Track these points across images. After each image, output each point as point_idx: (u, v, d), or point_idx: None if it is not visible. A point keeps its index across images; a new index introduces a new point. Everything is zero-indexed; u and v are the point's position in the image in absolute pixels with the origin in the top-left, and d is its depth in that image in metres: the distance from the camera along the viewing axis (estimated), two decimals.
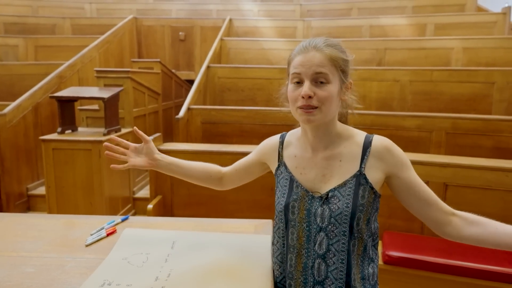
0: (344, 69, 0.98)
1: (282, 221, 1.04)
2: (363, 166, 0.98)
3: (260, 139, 1.20)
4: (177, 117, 3.43)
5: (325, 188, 1.00)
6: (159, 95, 4.72)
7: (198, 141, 3.58)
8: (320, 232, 0.97)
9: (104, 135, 3.17)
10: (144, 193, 3.74)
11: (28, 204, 3.76)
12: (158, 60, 4.98)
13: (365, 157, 0.99)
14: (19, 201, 3.65)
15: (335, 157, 1.01)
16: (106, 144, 1.17)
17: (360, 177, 0.97)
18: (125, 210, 3.50)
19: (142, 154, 1.19)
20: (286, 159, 1.09)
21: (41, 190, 3.66)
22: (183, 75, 6.10)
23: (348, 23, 5.82)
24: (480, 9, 6.06)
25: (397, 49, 4.78)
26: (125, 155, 1.19)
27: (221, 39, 5.27)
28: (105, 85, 3.66)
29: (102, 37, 5.35)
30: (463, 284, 2.13)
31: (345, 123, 1.10)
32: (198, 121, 3.59)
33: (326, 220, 0.97)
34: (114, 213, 3.27)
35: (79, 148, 3.06)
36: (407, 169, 0.99)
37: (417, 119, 3.23)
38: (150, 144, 1.19)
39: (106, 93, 3.28)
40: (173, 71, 5.51)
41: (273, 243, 1.12)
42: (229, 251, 1.11)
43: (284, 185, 1.05)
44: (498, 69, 3.82)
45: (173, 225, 1.32)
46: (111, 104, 3.29)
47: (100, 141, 3.04)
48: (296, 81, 0.97)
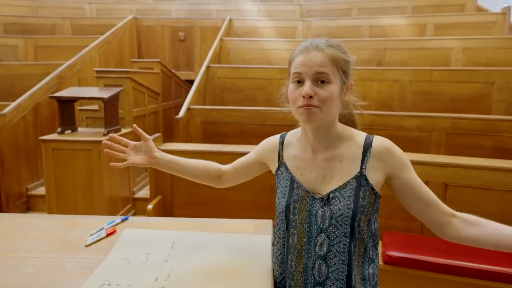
0: (345, 69, 0.98)
1: (283, 221, 1.03)
2: (363, 167, 0.98)
3: (260, 139, 1.20)
4: (177, 117, 3.43)
5: (325, 189, 0.99)
6: (159, 95, 4.72)
7: (198, 141, 3.58)
8: (321, 233, 0.97)
9: (104, 135, 3.17)
10: (144, 193, 3.73)
11: (28, 204, 3.75)
12: (158, 60, 4.97)
13: (365, 158, 0.99)
14: (19, 201, 3.65)
15: (336, 158, 1.01)
16: (106, 142, 1.17)
17: (360, 178, 0.97)
18: (125, 210, 3.50)
19: (142, 152, 1.19)
20: (287, 159, 1.08)
21: (41, 190, 3.66)
22: (183, 75, 6.10)
23: (348, 23, 5.82)
24: (480, 9, 6.06)
25: (397, 49, 4.78)
26: (125, 153, 1.19)
27: (221, 39, 5.27)
28: (105, 85, 3.66)
29: (102, 37, 5.35)
30: (463, 284, 2.13)
31: (353, 124, 1.10)
32: (198, 121, 3.59)
33: (327, 221, 0.97)
34: (114, 213, 3.27)
35: (79, 148, 3.06)
36: (407, 170, 0.99)
37: (417, 119, 3.23)
38: (149, 142, 1.19)
39: (106, 93, 3.28)
40: (173, 71, 5.51)
41: (273, 244, 1.12)
42: (229, 251, 1.11)
43: (285, 186, 1.05)
44: (498, 69, 3.82)
45: (173, 225, 1.32)
46: (111, 104, 3.29)
47: (100, 141, 3.03)
48: (297, 80, 0.97)
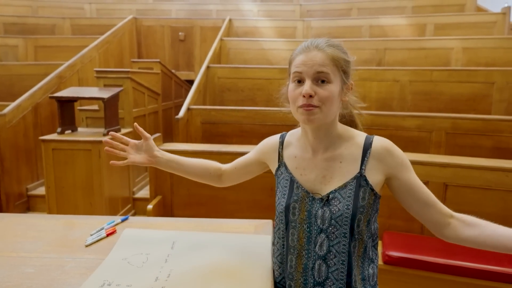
0: (345, 69, 0.98)
1: (283, 222, 1.03)
2: (363, 167, 0.98)
3: (260, 139, 1.21)
4: (177, 117, 3.43)
5: (325, 190, 0.99)
6: (159, 95, 4.72)
7: (198, 141, 3.58)
8: (320, 233, 0.97)
9: (104, 135, 3.17)
10: (144, 193, 3.73)
11: (28, 205, 3.75)
12: (158, 60, 4.97)
13: (365, 158, 0.98)
14: (18, 201, 3.64)
15: (336, 159, 1.01)
16: (106, 140, 1.17)
17: (360, 179, 0.97)
18: (125, 211, 3.50)
19: (142, 151, 1.19)
20: (286, 159, 1.08)
21: (41, 191, 3.66)
22: (183, 75, 6.10)
23: (348, 23, 5.82)
24: (480, 9, 6.06)
25: (397, 49, 4.78)
26: (125, 151, 1.19)
27: (221, 39, 5.27)
28: (105, 85, 3.66)
29: (102, 37, 5.34)
30: (463, 284, 2.13)
31: (354, 125, 1.09)
32: (198, 121, 3.59)
33: (326, 221, 0.96)
34: (114, 213, 3.27)
35: (79, 148, 3.06)
36: (407, 171, 0.99)
37: (417, 119, 3.23)
38: (149, 141, 1.19)
39: (105, 93, 3.28)
40: (173, 71, 5.50)
41: (273, 243, 1.12)
42: (229, 251, 1.11)
43: (285, 186, 1.05)
44: (498, 69, 3.82)
45: (173, 225, 1.32)
46: (110, 104, 3.29)
47: (100, 142, 3.03)
48: (297, 80, 0.97)
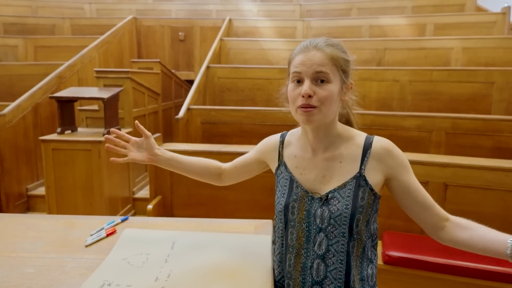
0: (345, 69, 0.98)
1: (282, 221, 1.04)
2: (363, 167, 0.98)
3: (260, 139, 1.21)
4: (177, 117, 3.43)
5: (325, 189, 0.99)
6: (159, 95, 4.72)
7: (198, 141, 3.58)
8: (319, 232, 0.97)
9: (104, 135, 3.17)
10: (144, 193, 3.73)
11: (27, 205, 3.75)
12: (158, 60, 4.97)
13: (365, 158, 0.98)
14: (18, 201, 3.64)
15: (335, 158, 1.01)
16: (107, 137, 1.18)
17: (360, 179, 0.97)
18: (125, 211, 3.50)
19: (142, 149, 1.19)
20: (286, 159, 1.08)
21: (41, 191, 3.66)
22: (183, 75, 6.10)
23: (348, 23, 5.82)
24: (480, 9, 6.06)
25: (396, 49, 4.78)
26: (126, 148, 1.19)
27: (220, 39, 5.27)
28: (105, 86, 3.66)
29: (102, 37, 5.34)
30: (463, 284, 2.13)
31: (350, 125, 1.09)
32: (197, 121, 3.59)
33: (325, 221, 0.97)
34: (113, 213, 3.27)
35: (78, 148, 3.06)
36: (407, 172, 0.99)
37: (417, 119, 3.23)
38: (150, 139, 1.19)
39: (105, 94, 3.28)
40: (172, 71, 5.50)
41: (273, 242, 1.12)
42: (229, 251, 1.11)
43: (284, 185, 1.05)
44: (498, 69, 3.82)
45: (173, 226, 1.32)
46: (110, 105, 3.29)
47: (100, 142, 3.03)
48: (297, 80, 0.96)
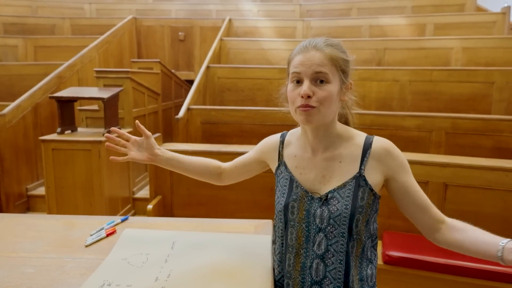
0: (344, 69, 0.98)
1: (282, 220, 1.04)
2: (362, 167, 0.98)
3: (260, 139, 1.21)
4: (176, 117, 3.43)
5: (324, 189, 0.99)
6: (159, 95, 4.72)
7: (198, 141, 3.58)
8: (319, 232, 0.97)
9: (104, 135, 3.17)
10: (144, 193, 3.73)
11: (27, 205, 3.75)
12: (158, 60, 4.97)
13: (365, 158, 0.98)
14: (18, 201, 3.64)
15: (335, 158, 1.01)
16: (107, 135, 1.18)
17: (359, 179, 0.97)
18: (124, 211, 3.50)
19: (143, 149, 1.19)
20: (286, 158, 1.08)
21: (41, 191, 3.66)
22: (183, 75, 6.10)
23: (348, 23, 5.82)
24: (480, 9, 6.06)
25: (396, 49, 4.78)
26: (126, 147, 1.19)
27: (220, 39, 5.27)
28: (105, 85, 3.66)
29: (102, 37, 5.34)
30: (463, 284, 2.13)
31: (347, 124, 1.09)
32: (197, 121, 3.59)
33: (325, 221, 0.97)
34: (113, 213, 3.27)
35: (78, 148, 3.06)
36: (406, 173, 0.99)
37: (417, 119, 3.23)
38: (150, 139, 1.19)
39: (105, 93, 3.28)
40: (172, 71, 5.50)
41: (273, 242, 1.12)
42: (229, 251, 1.11)
43: (284, 185, 1.05)
44: (498, 69, 3.82)
45: (173, 226, 1.32)
46: (110, 104, 3.28)
47: (100, 142, 3.03)
48: (296, 80, 0.96)
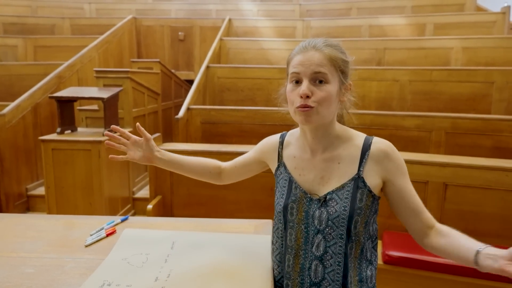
0: (343, 69, 0.97)
1: (281, 221, 1.04)
2: (361, 169, 0.97)
3: (260, 139, 1.20)
4: (176, 117, 3.43)
5: (323, 191, 0.99)
6: (159, 95, 4.72)
7: (197, 141, 3.58)
8: (317, 234, 0.97)
9: (104, 135, 3.17)
10: (144, 193, 3.73)
11: (27, 205, 3.75)
12: (158, 60, 4.97)
13: (363, 160, 0.98)
14: (18, 201, 3.64)
15: (334, 159, 1.01)
16: (107, 133, 1.17)
17: (358, 181, 0.97)
18: (124, 211, 3.50)
19: (142, 150, 1.19)
20: (286, 159, 1.08)
21: (41, 191, 3.66)
22: (183, 75, 6.10)
23: (348, 23, 5.82)
24: (480, 9, 6.06)
25: (396, 49, 4.78)
26: (125, 146, 1.19)
27: (220, 39, 5.27)
28: (105, 85, 3.66)
29: (102, 37, 5.34)
30: (463, 284, 2.13)
31: (341, 123, 1.09)
32: (197, 121, 3.59)
33: (323, 222, 0.96)
34: (113, 213, 3.27)
35: (78, 148, 3.06)
36: (403, 177, 0.98)
37: (417, 118, 3.23)
38: (150, 142, 1.18)
39: (105, 93, 3.28)
40: (172, 71, 5.50)
41: (272, 243, 1.12)
42: (229, 251, 1.11)
43: (283, 186, 1.05)
44: (498, 69, 3.82)
45: (172, 225, 1.32)
46: (110, 104, 3.28)
47: (100, 142, 3.04)
48: (295, 80, 0.96)
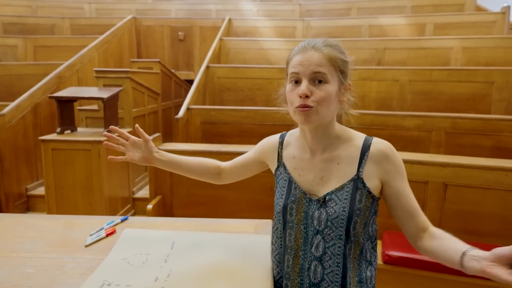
0: (343, 69, 0.97)
1: (280, 222, 1.04)
2: (360, 170, 0.97)
3: (259, 139, 1.20)
4: (176, 117, 3.43)
5: (322, 191, 0.99)
6: (159, 95, 4.72)
7: (197, 141, 3.58)
8: (317, 234, 0.97)
9: (103, 134, 3.17)
10: (144, 193, 3.73)
11: (27, 205, 3.75)
12: (158, 60, 4.97)
13: (363, 161, 0.97)
14: (18, 201, 3.64)
15: (333, 160, 1.00)
16: (106, 134, 1.18)
17: (357, 181, 0.96)
18: (124, 211, 3.50)
19: (141, 150, 1.19)
20: (285, 159, 1.08)
21: (41, 191, 3.66)
22: (183, 75, 6.10)
23: (348, 23, 5.83)
24: (479, 9, 6.06)
25: (396, 49, 4.78)
26: (124, 146, 1.19)
27: (220, 39, 5.27)
28: (105, 85, 3.66)
29: (101, 37, 5.34)
30: (463, 284, 2.13)
31: (339, 122, 1.09)
32: (197, 121, 3.59)
33: (323, 223, 0.96)
34: (113, 213, 3.27)
35: (78, 148, 3.06)
36: (401, 179, 0.97)
37: (417, 118, 3.23)
38: (149, 143, 1.18)
39: (105, 93, 3.28)
40: (172, 71, 5.50)
41: (272, 243, 1.12)
42: (229, 251, 1.11)
43: (283, 186, 1.05)
44: (497, 69, 3.82)
45: (172, 225, 1.32)
46: (110, 104, 3.28)
47: (100, 142, 3.04)
48: (295, 80, 0.96)
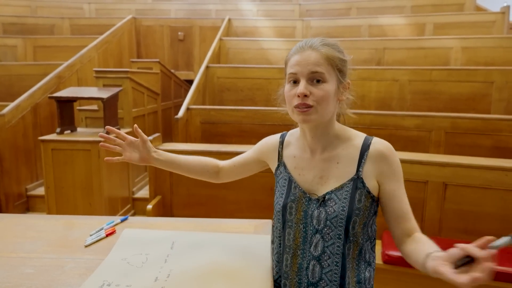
0: (341, 68, 0.97)
1: (280, 221, 1.04)
2: (360, 170, 0.97)
3: (259, 139, 1.20)
4: (176, 117, 3.43)
5: (322, 190, 0.99)
6: (158, 95, 4.72)
7: (197, 141, 3.58)
8: (316, 234, 0.97)
9: (99, 135, 3.17)
10: (144, 193, 3.73)
11: (27, 205, 3.75)
12: (157, 60, 4.97)
13: (362, 160, 0.97)
14: (18, 201, 3.64)
15: (333, 159, 1.00)
16: (102, 135, 1.17)
17: (357, 181, 0.96)
18: (124, 211, 3.50)
19: (138, 150, 1.18)
20: (286, 159, 1.08)
21: (40, 191, 3.66)
22: (182, 75, 6.10)
23: (347, 22, 5.83)
24: (479, 9, 6.06)
25: (396, 49, 4.78)
26: (121, 147, 1.18)
27: (220, 39, 5.27)
28: (104, 85, 3.66)
29: (101, 37, 5.34)
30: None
31: (338, 121, 1.10)
32: (197, 121, 3.59)
33: (322, 222, 0.96)
34: (113, 213, 3.27)
35: (78, 148, 3.06)
36: (395, 181, 0.97)
37: (416, 118, 3.23)
38: (147, 143, 1.18)
39: (105, 93, 3.28)
40: (172, 71, 5.50)
41: (272, 242, 1.12)
42: (229, 251, 1.11)
43: (283, 185, 1.05)
44: (497, 69, 3.82)
45: (172, 226, 1.32)
46: (110, 104, 3.28)
47: (99, 142, 3.03)
48: (293, 80, 0.96)
